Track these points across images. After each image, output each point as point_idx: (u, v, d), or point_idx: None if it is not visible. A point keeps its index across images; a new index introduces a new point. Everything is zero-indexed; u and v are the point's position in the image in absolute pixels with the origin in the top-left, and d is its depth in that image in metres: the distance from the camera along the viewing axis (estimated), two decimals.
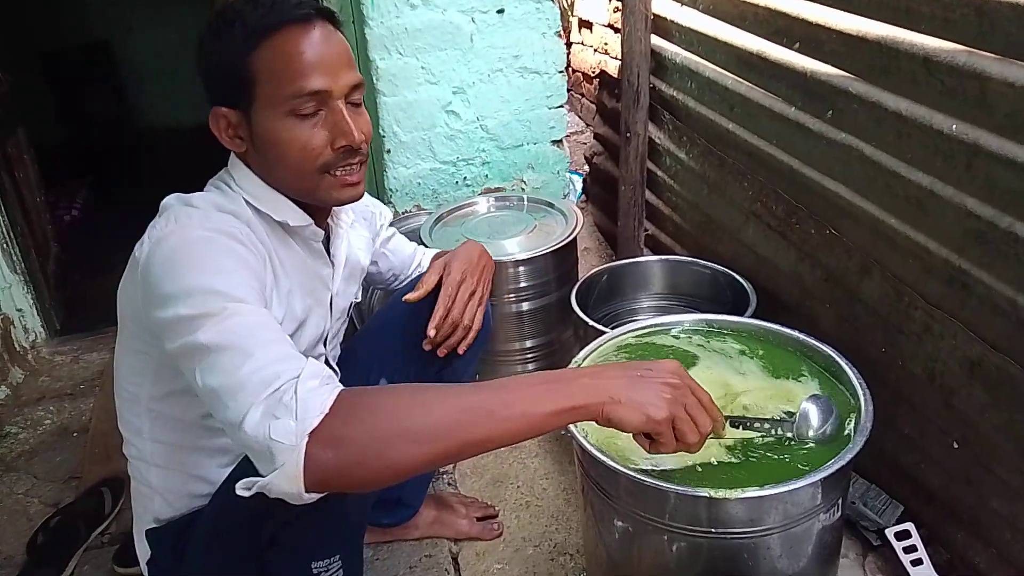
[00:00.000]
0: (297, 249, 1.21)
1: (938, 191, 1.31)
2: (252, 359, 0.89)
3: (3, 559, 1.75)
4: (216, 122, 1.12)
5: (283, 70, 1.05)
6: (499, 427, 0.89)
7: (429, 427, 0.87)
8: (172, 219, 1.04)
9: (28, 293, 2.57)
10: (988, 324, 1.28)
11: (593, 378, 0.93)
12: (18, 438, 2.19)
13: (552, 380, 0.93)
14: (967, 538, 1.42)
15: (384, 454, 0.85)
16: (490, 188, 2.48)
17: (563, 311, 1.97)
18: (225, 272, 0.98)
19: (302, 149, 1.09)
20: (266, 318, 0.97)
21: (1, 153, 2.58)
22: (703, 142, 2.07)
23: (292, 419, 0.83)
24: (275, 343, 0.93)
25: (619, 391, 0.91)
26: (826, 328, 1.67)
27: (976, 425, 1.35)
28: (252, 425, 0.85)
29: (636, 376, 0.93)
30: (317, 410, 0.84)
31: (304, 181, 1.13)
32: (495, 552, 1.66)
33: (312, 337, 1.27)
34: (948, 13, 1.23)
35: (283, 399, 0.85)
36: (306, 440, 0.83)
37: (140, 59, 5.44)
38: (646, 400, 0.91)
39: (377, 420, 0.86)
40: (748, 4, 1.76)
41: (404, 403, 0.89)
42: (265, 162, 1.13)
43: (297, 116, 1.07)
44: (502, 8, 2.27)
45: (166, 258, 0.99)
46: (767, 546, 1.12)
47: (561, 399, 0.90)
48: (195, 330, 0.92)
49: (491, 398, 0.90)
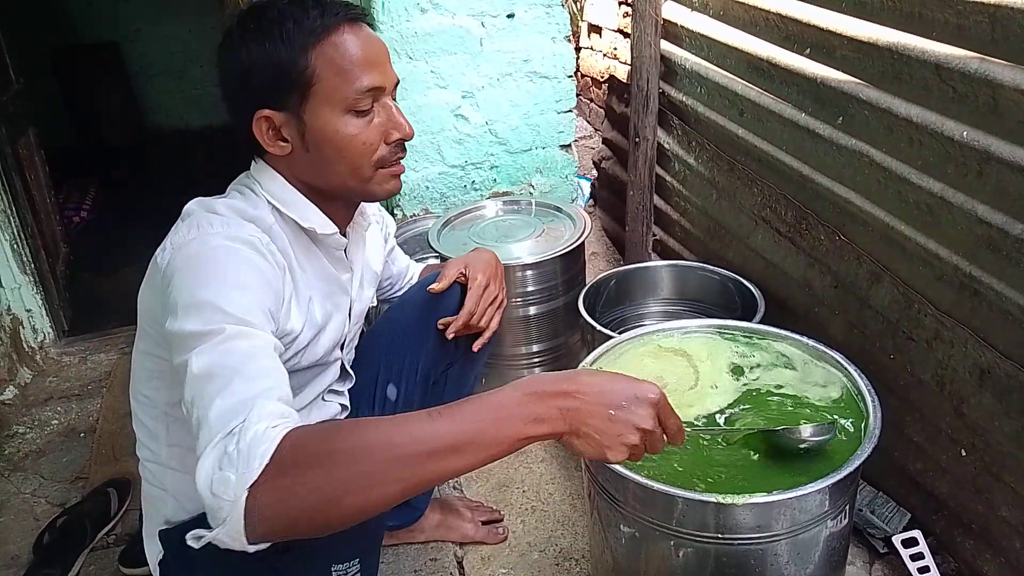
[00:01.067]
0: (319, 255, 1.22)
1: (949, 198, 1.31)
2: (226, 393, 0.87)
3: (10, 558, 1.76)
4: (259, 125, 1.10)
5: (344, 68, 1.07)
6: (465, 459, 0.84)
7: (383, 471, 0.81)
8: (194, 226, 1.04)
9: (37, 293, 2.58)
10: (999, 331, 1.28)
11: (563, 405, 0.87)
12: (26, 438, 2.20)
13: (522, 403, 0.86)
14: (975, 546, 1.42)
15: (331, 505, 0.80)
16: (498, 192, 2.49)
17: (571, 315, 1.97)
18: (237, 288, 0.98)
19: (362, 144, 1.11)
20: (262, 345, 0.95)
21: (12, 154, 2.59)
22: (712, 147, 2.07)
23: (234, 472, 0.79)
24: (257, 378, 0.89)
25: (587, 424, 0.87)
26: (835, 334, 1.66)
27: (986, 433, 1.34)
28: (202, 476, 0.82)
29: (609, 414, 0.87)
30: (258, 461, 0.79)
31: (358, 176, 1.14)
32: (500, 557, 1.66)
33: (331, 342, 1.27)
34: (960, 20, 1.23)
35: (228, 448, 0.81)
36: (245, 495, 0.78)
37: (148, 60, 5.47)
38: (609, 443, 0.87)
39: (324, 469, 0.80)
40: (759, 9, 1.76)
41: (357, 445, 0.81)
42: (317, 161, 1.12)
43: (355, 113, 1.10)
44: (512, 13, 2.28)
45: (184, 267, 1.00)
46: (774, 552, 1.11)
47: (528, 426, 0.85)
48: (192, 349, 0.92)
49: (452, 430, 0.83)
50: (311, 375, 1.29)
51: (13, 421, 2.26)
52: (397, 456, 0.81)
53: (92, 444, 2.13)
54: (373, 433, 0.82)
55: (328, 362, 1.32)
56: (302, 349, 1.19)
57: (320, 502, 0.80)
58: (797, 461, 1.14)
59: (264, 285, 1.02)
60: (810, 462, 1.14)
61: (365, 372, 1.46)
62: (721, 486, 1.11)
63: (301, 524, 0.81)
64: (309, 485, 0.79)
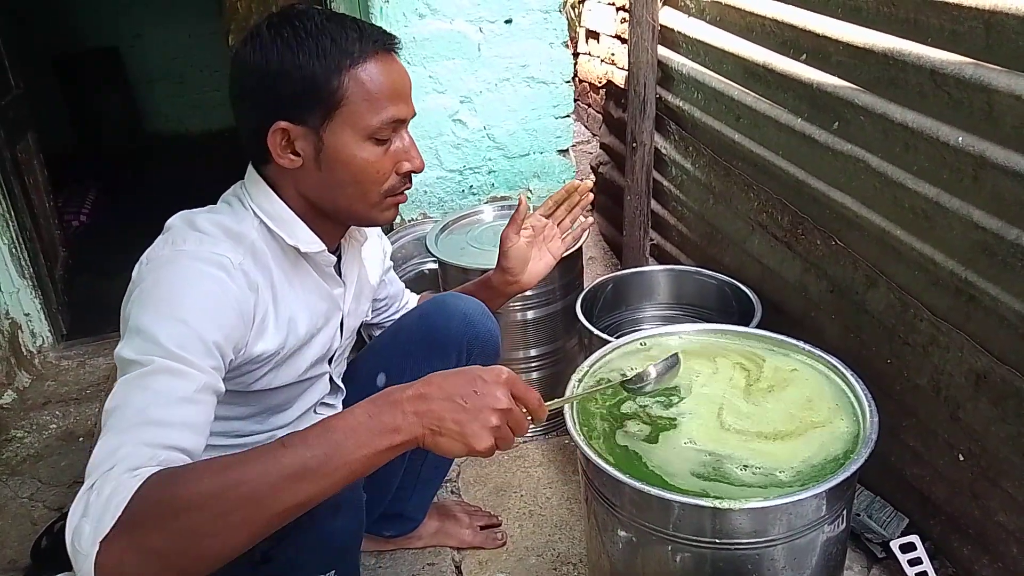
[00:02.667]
0: (309, 270, 1.20)
1: (944, 203, 1.31)
2: (115, 432, 0.86)
3: (7, 563, 1.76)
4: (275, 136, 1.08)
5: (374, 96, 1.07)
6: (321, 485, 0.83)
7: (234, 512, 0.80)
8: (169, 241, 1.04)
9: (36, 298, 2.59)
10: (994, 336, 1.28)
11: (416, 408, 0.88)
12: (24, 442, 2.20)
13: (373, 415, 0.86)
14: (973, 552, 1.42)
15: (184, 555, 0.79)
16: (496, 197, 2.49)
17: (568, 320, 1.97)
18: (182, 320, 0.95)
19: (376, 172, 1.11)
20: (185, 385, 0.92)
21: (11, 158, 2.60)
22: (709, 152, 2.07)
23: (89, 523, 0.78)
24: (156, 423, 0.88)
25: (442, 421, 0.88)
26: (831, 339, 1.67)
27: (982, 438, 1.34)
28: (70, 523, 0.80)
29: (461, 405, 0.89)
30: (110, 515, 0.77)
31: (365, 201, 1.14)
32: (498, 561, 1.66)
33: (316, 355, 1.26)
34: (956, 25, 1.24)
35: (91, 497, 0.80)
36: (96, 550, 0.76)
37: (149, 65, 5.49)
38: (469, 432, 0.88)
39: (174, 520, 0.78)
40: (755, 16, 1.77)
41: (205, 491, 0.80)
42: (327, 180, 1.11)
43: (374, 141, 1.10)
44: (510, 18, 2.28)
45: (144, 286, 0.99)
46: (771, 557, 1.11)
47: (382, 439, 0.86)
48: (120, 375, 0.92)
49: (301, 458, 0.83)
50: (298, 390, 1.29)
51: (11, 425, 2.26)
52: (245, 495, 0.80)
53: (90, 448, 2.12)
54: (221, 475, 0.81)
55: (314, 376, 1.30)
56: (282, 364, 1.18)
57: (172, 554, 0.79)
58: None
59: (217, 314, 1.00)
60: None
61: (357, 383, 1.47)
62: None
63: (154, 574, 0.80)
64: (158, 538, 0.78)
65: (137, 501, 0.78)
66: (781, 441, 1.18)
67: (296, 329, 1.17)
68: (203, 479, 0.81)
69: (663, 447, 1.19)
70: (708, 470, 1.14)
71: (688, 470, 1.14)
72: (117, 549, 0.77)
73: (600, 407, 1.29)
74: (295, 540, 1.02)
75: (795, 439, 1.18)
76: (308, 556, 1.06)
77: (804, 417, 1.22)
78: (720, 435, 1.20)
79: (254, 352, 1.09)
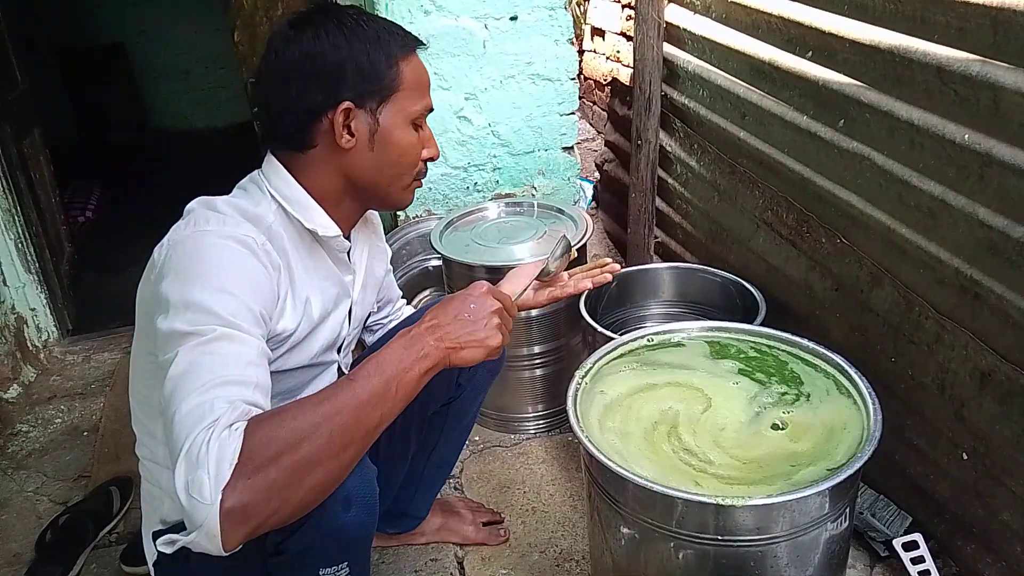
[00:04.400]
0: (323, 255, 1.24)
1: (950, 201, 1.31)
2: (199, 392, 0.90)
3: (12, 556, 1.76)
4: (339, 116, 1.14)
5: (418, 85, 1.19)
6: (389, 407, 0.97)
7: (341, 435, 0.91)
8: (191, 223, 1.06)
9: (42, 292, 2.60)
10: (1000, 335, 1.28)
11: (434, 335, 1.03)
12: (29, 436, 2.21)
13: (407, 347, 1.00)
14: (977, 551, 1.41)
15: (298, 486, 0.87)
16: (501, 194, 2.49)
17: (572, 317, 1.97)
18: (227, 290, 0.99)
19: (414, 155, 1.22)
20: (246, 350, 0.97)
21: (17, 153, 2.60)
22: (714, 150, 2.07)
23: (207, 473, 0.82)
24: (233, 381, 0.92)
25: (459, 337, 1.04)
26: (836, 337, 1.66)
27: (987, 436, 1.34)
28: (179, 479, 0.84)
29: (466, 319, 1.05)
30: (228, 463, 0.83)
31: (400, 182, 1.23)
32: (501, 558, 1.66)
33: (326, 341, 1.28)
34: (962, 23, 1.23)
35: (200, 451, 0.84)
36: (220, 497, 0.82)
37: (154, 62, 5.48)
38: (482, 336, 1.05)
39: (286, 455, 0.86)
40: (761, 13, 1.76)
41: (306, 425, 0.89)
42: (376, 160, 1.18)
43: (413, 126, 1.20)
44: (515, 15, 2.28)
45: (177, 265, 1.02)
46: (774, 555, 1.11)
47: (420, 363, 1.00)
48: (177, 347, 0.94)
49: (372, 385, 0.95)
50: (309, 375, 1.30)
51: (17, 419, 2.27)
52: (340, 424, 0.91)
53: (95, 443, 2.13)
54: (317, 409, 0.91)
55: (324, 363, 1.32)
56: (295, 346, 1.20)
57: (289, 486, 0.86)
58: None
59: (255, 287, 1.04)
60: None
61: None
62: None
63: (272, 516, 0.86)
64: (276, 474, 0.85)
65: (248, 446, 0.85)
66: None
67: (310, 311, 1.20)
68: (303, 415, 0.90)
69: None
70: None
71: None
72: (240, 492, 0.83)
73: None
74: (308, 532, 1.03)
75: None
76: (321, 548, 1.06)
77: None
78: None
79: (276, 329, 1.13)
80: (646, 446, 1.20)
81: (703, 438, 1.21)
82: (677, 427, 1.23)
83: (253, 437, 0.85)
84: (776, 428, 1.22)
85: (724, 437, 1.21)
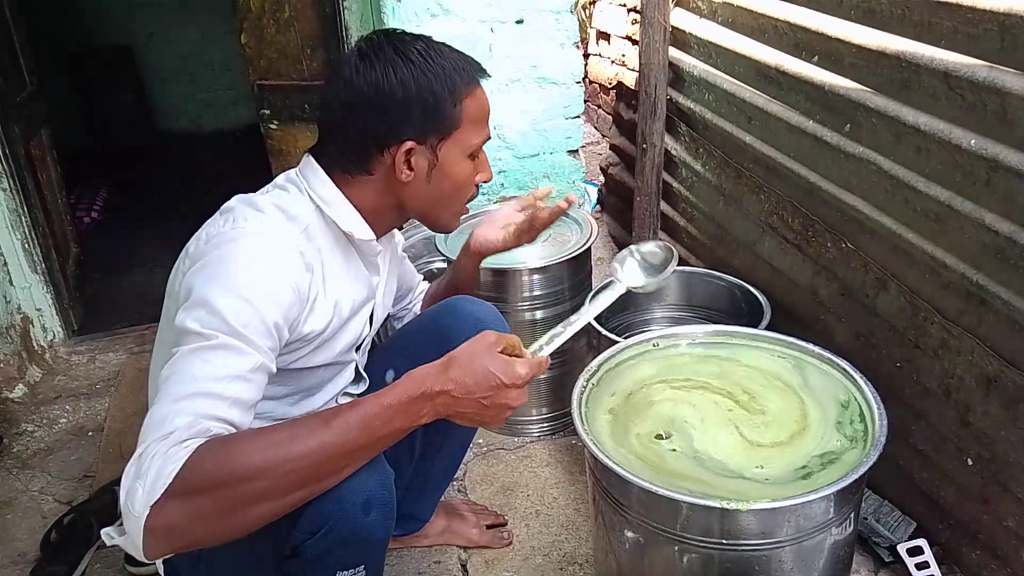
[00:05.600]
0: (355, 257, 1.26)
1: (957, 206, 1.31)
2: (175, 399, 0.91)
3: (17, 555, 1.77)
4: (402, 154, 1.15)
5: (478, 120, 1.20)
6: (358, 462, 0.96)
7: (278, 485, 0.89)
8: (231, 220, 1.08)
9: (48, 293, 2.60)
10: (1006, 340, 1.28)
11: (444, 402, 0.97)
12: (34, 436, 2.21)
13: (405, 403, 0.95)
14: (981, 557, 1.41)
15: (227, 521, 0.87)
16: (506, 196, 2.49)
17: None
18: (246, 296, 1.00)
19: (469, 185, 1.25)
20: (244, 364, 0.97)
21: (25, 154, 2.61)
22: (720, 154, 2.07)
23: (143, 486, 0.84)
24: (214, 395, 0.92)
25: (464, 416, 1.00)
26: (841, 342, 1.66)
27: (992, 442, 1.34)
28: (124, 483, 0.86)
29: (482, 404, 0.99)
30: (164, 480, 0.84)
31: (451, 211, 1.26)
32: (504, 561, 1.66)
33: (349, 342, 1.29)
34: (970, 28, 1.23)
35: (145, 462, 0.85)
36: (147, 513, 0.83)
37: (161, 64, 5.50)
38: (485, 420, 1.01)
39: (222, 489, 0.86)
40: (768, 17, 1.77)
41: (255, 463, 0.87)
42: (432, 193, 1.20)
43: (471, 158, 1.22)
44: (521, 19, 2.29)
45: (208, 261, 1.03)
46: (779, 559, 1.11)
47: (413, 422, 0.97)
48: (182, 344, 0.96)
49: (344, 439, 0.92)
50: (329, 374, 1.31)
51: (22, 419, 2.27)
52: (292, 470, 0.89)
53: (100, 443, 2.14)
54: (270, 451, 0.88)
55: (344, 362, 1.33)
56: (323, 344, 1.21)
57: (218, 518, 0.87)
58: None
59: (277, 294, 1.04)
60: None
61: (373, 384, 1.47)
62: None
63: (196, 540, 0.88)
64: (207, 504, 0.86)
65: (188, 469, 0.84)
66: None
67: (340, 311, 1.21)
68: (254, 453, 0.88)
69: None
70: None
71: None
72: (167, 513, 0.84)
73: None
74: (328, 536, 1.03)
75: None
76: (340, 552, 1.06)
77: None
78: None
79: (304, 331, 1.13)
80: (646, 450, 1.20)
81: (703, 441, 1.21)
82: (679, 431, 1.24)
83: (197, 461, 0.85)
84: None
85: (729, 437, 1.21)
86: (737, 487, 1.11)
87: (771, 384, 1.32)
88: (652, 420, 1.26)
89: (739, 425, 1.24)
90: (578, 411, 1.26)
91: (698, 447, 1.20)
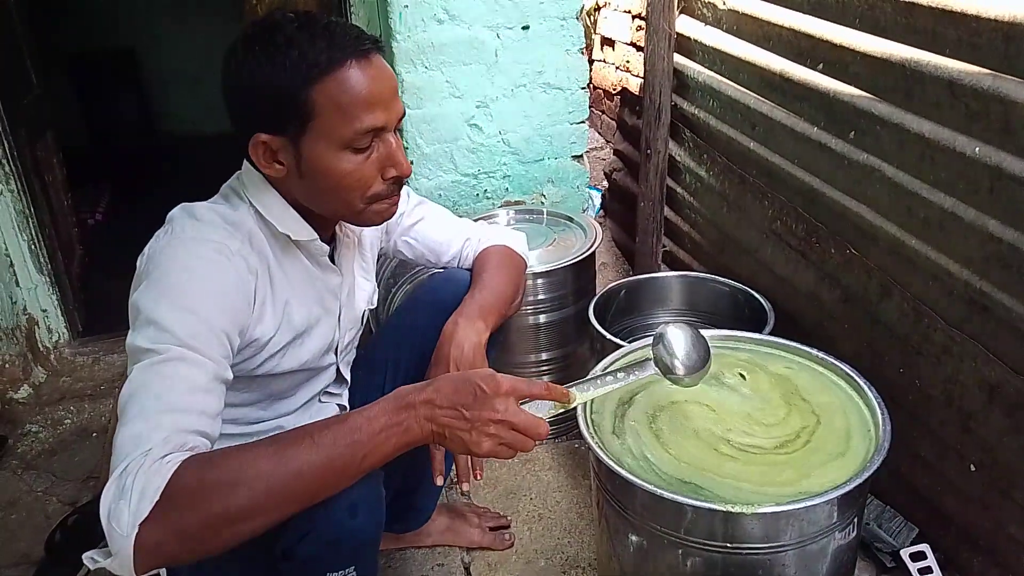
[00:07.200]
0: (303, 259, 1.22)
1: (960, 213, 1.32)
2: (141, 417, 0.90)
3: (20, 556, 1.77)
4: (256, 149, 1.10)
5: (345, 107, 1.05)
6: (345, 479, 0.94)
7: (263, 502, 0.88)
8: (169, 231, 1.08)
9: (53, 294, 2.61)
10: (1009, 347, 1.28)
11: (426, 413, 0.96)
12: (38, 437, 2.22)
13: (390, 416, 0.95)
14: (983, 564, 1.41)
15: (214, 536, 0.87)
16: (510, 201, 2.50)
17: (580, 324, 1.98)
18: (191, 307, 1.00)
19: (357, 181, 1.10)
20: (199, 373, 0.97)
21: (31, 156, 2.62)
22: (724, 160, 2.08)
23: (128, 505, 0.83)
24: (177, 409, 0.92)
25: (445, 427, 0.96)
26: (844, 348, 1.67)
27: (994, 449, 1.34)
28: (104, 503, 0.85)
29: (462, 414, 0.96)
30: (148, 499, 0.83)
31: (350, 208, 1.14)
32: (507, 563, 1.67)
33: (319, 347, 1.28)
34: (974, 37, 1.24)
35: (127, 479, 0.84)
36: (135, 532, 0.82)
37: (164, 66, 5.52)
38: (468, 440, 0.97)
39: (206, 504, 0.85)
40: (772, 25, 1.78)
41: (238, 478, 0.87)
42: (309, 189, 1.12)
43: (352, 150, 1.08)
44: (527, 25, 2.30)
45: (152, 275, 1.03)
46: (782, 563, 1.12)
47: (398, 438, 0.95)
48: (134, 364, 0.96)
49: (329, 456, 0.91)
50: (301, 378, 1.30)
51: (27, 420, 2.28)
52: (275, 487, 0.88)
53: (104, 444, 2.14)
54: (253, 466, 0.88)
55: (320, 367, 1.32)
56: (279, 351, 1.20)
57: (207, 534, 0.86)
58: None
59: (223, 300, 1.04)
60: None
61: (370, 371, 1.48)
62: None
63: (185, 555, 0.88)
64: (195, 521, 0.85)
65: (174, 486, 0.84)
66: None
67: (291, 315, 1.19)
68: (245, 466, 0.88)
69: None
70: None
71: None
72: (155, 531, 0.83)
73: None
74: (315, 538, 1.03)
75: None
76: (328, 553, 1.07)
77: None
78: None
79: (255, 335, 1.13)
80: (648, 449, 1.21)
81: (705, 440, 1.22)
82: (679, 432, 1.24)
83: (182, 477, 0.85)
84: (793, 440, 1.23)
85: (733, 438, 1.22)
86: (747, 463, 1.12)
87: (774, 386, 1.33)
88: (658, 421, 1.27)
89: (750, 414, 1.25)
90: (583, 414, 1.27)
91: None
